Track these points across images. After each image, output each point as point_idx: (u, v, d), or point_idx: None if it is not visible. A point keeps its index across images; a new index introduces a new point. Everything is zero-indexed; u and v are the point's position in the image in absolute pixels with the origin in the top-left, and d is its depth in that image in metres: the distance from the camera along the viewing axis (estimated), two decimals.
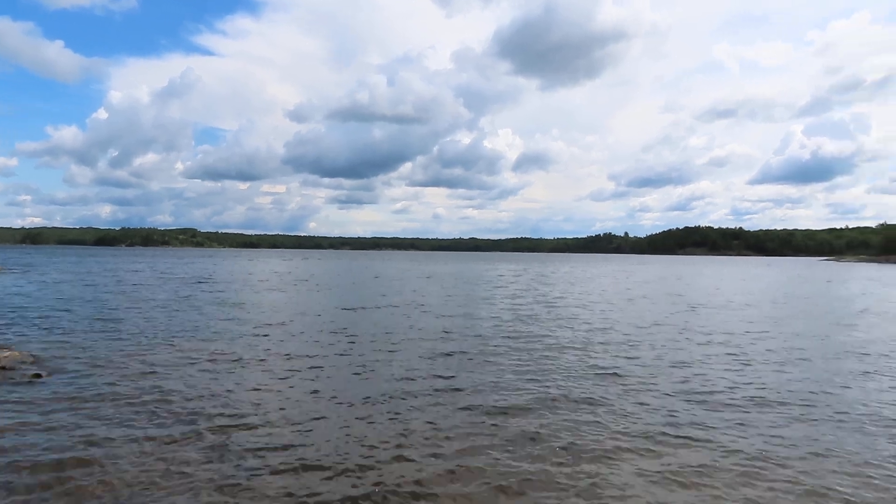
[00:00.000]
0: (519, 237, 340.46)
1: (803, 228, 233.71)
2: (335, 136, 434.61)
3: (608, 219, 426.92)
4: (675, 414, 7.58)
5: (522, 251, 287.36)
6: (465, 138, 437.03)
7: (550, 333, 14.41)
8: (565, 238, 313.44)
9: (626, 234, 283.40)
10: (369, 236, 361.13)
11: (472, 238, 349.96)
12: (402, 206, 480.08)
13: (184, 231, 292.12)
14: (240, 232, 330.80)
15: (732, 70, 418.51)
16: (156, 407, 7.36)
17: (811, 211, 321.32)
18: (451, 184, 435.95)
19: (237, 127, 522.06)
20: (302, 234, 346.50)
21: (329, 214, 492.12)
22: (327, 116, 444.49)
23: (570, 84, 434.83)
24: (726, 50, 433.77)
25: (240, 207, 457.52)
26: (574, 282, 39.25)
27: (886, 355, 11.99)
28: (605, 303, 23.27)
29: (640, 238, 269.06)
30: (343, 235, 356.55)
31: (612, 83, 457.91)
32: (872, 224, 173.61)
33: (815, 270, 67.29)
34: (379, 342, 12.64)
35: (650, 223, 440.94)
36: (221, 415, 7.10)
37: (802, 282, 43.04)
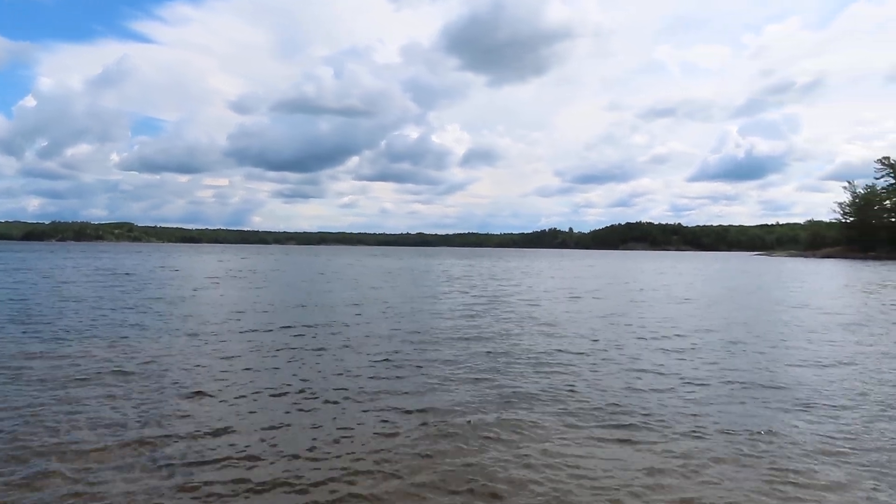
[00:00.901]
0: (466, 232, 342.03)
1: (737, 224, 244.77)
2: (280, 129, 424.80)
3: (553, 214, 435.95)
4: (624, 407, 7.53)
5: (470, 246, 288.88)
6: (412, 133, 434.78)
7: (501, 330, 14.28)
8: (511, 233, 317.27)
9: (570, 229, 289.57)
10: (315, 231, 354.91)
11: (420, 233, 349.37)
12: (349, 200, 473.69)
13: (119, 225, 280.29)
14: (179, 226, 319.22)
15: (673, 71, 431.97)
16: (68, 416, 6.77)
17: (745, 208, 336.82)
18: (398, 178, 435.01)
19: (177, 118, 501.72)
20: (245, 229, 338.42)
21: (274, 209, 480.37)
22: (272, 108, 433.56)
23: (517, 81, 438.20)
24: (668, 52, 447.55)
25: (180, 201, 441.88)
26: (523, 277, 39.56)
27: (830, 343, 12.42)
28: (552, 300, 23.43)
29: (584, 233, 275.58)
30: (288, 230, 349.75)
31: (558, 81, 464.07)
32: (801, 220, 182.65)
33: (752, 265, 70.23)
34: (322, 342, 12.20)
35: (594, 219, 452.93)
36: (147, 425, 6.59)
37: (740, 275, 44.81)
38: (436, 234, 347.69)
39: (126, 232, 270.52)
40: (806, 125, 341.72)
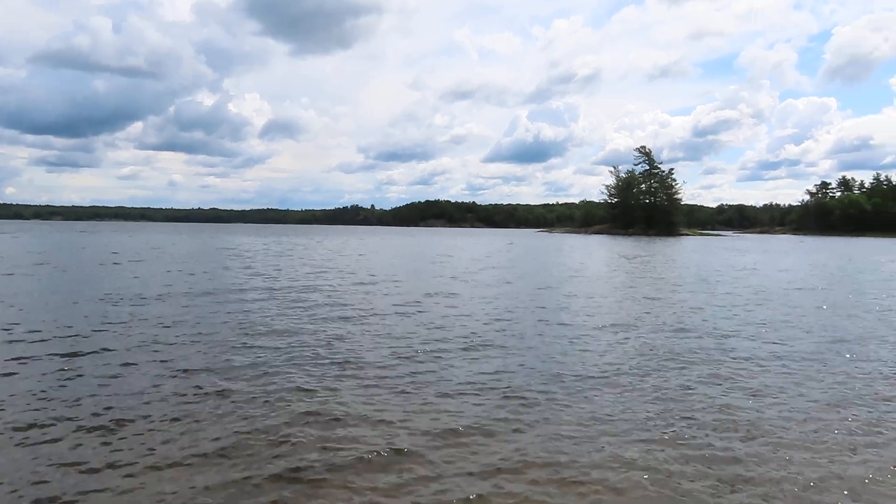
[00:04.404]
0: (265, 208, 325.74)
1: (524, 203, 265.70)
2: (42, 85, 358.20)
3: (356, 191, 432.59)
4: (407, 396, 6.49)
5: (269, 223, 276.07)
6: (206, 100, 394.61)
7: (294, 317, 12.60)
8: (313, 209, 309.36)
9: (372, 206, 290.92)
10: (88, 205, 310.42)
11: (214, 208, 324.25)
12: (131, 171, 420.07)
13: None
14: None
15: (472, 55, 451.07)
16: None
17: (531, 188, 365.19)
18: (189, 149, 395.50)
19: None
20: None
21: (34, 178, 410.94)
22: (31, 61, 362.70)
23: (321, 52, 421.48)
24: (467, 35, 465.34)
25: None
26: (320, 255, 37.78)
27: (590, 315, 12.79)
28: (344, 281, 22.22)
29: (386, 210, 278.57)
30: (53, 203, 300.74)
31: (363, 56, 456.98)
32: (577, 201, 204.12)
33: (540, 241, 76.10)
34: (89, 340, 9.72)
35: (395, 196, 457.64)
36: None
37: (541, 251, 47.80)
38: (231, 210, 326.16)
39: None
40: (583, 114, 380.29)
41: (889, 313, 14.14)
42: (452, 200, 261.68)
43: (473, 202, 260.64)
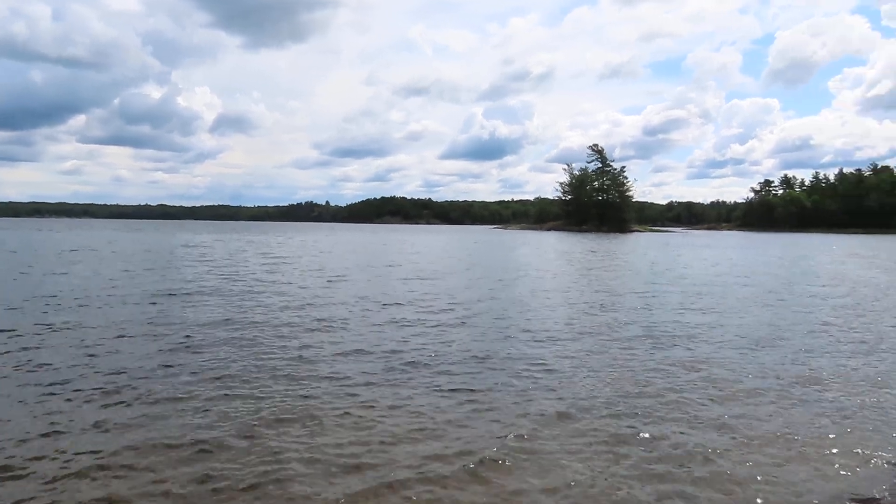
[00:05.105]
0: (216, 204, 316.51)
1: (480, 200, 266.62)
2: None
3: (311, 187, 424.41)
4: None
5: (220, 219, 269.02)
6: (154, 92, 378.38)
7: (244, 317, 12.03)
8: (266, 206, 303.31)
9: (327, 202, 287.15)
10: (26, 201, 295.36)
11: (162, 205, 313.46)
12: (73, 165, 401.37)
13: None
14: None
15: (427, 52, 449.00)
16: None
17: (487, 185, 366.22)
18: (136, 143, 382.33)
19: None
20: None
21: None
22: None
23: (274, 46, 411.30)
24: (422, 32, 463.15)
25: None
26: (268, 253, 36.89)
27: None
28: (298, 280, 21.63)
29: (340, 207, 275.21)
30: None
31: (318, 50, 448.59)
32: (531, 198, 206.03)
33: (499, 237, 76.43)
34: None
35: (351, 192, 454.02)
36: None
37: (487, 246, 47.86)
38: (181, 206, 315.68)
39: None
40: (538, 112, 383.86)
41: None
42: (408, 197, 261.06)
43: (429, 199, 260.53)
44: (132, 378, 7.07)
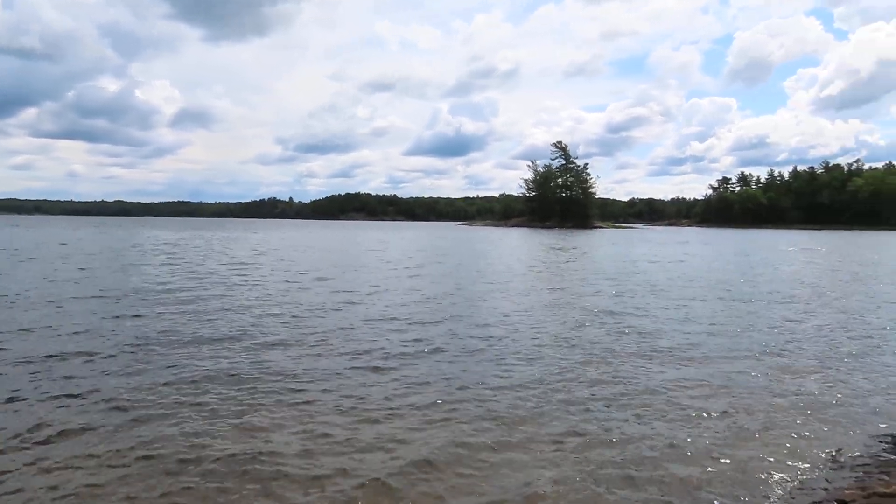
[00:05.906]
0: (176, 201, 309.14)
1: (445, 197, 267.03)
2: None
3: (274, 183, 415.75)
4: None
5: (180, 216, 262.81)
6: (110, 85, 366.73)
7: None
8: (228, 202, 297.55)
9: (291, 199, 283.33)
10: None
11: (119, 201, 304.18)
12: (24, 160, 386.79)
13: None
14: None
15: (392, 47, 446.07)
16: None
17: (452, 181, 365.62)
18: (91, 137, 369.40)
19: None
20: None
21: None
22: None
23: (237, 40, 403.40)
24: (388, 27, 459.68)
25: None
26: (224, 252, 36.16)
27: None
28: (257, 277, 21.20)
29: (304, 203, 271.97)
30: None
31: (282, 45, 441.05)
32: (496, 194, 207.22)
33: (465, 233, 76.63)
34: None
35: (315, 189, 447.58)
36: None
37: (452, 242, 47.82)
38: (139, 203, 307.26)
39: None
40: (503, 109, 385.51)
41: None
42: (373, 193, 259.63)
43: (394, 195, 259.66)
44: (94, 382, 6.75)
